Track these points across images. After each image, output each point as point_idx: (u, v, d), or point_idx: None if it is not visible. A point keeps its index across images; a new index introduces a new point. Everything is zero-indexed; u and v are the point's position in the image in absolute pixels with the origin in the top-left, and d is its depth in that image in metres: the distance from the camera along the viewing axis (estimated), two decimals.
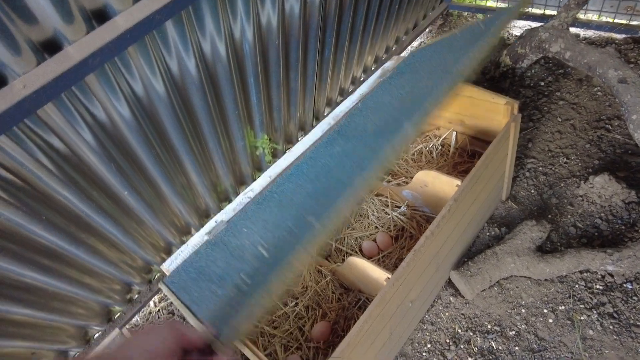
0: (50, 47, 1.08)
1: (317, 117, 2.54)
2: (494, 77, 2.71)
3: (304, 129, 2.46)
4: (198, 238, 1.49)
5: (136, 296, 2.13)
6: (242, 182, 2.38)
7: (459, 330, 1.82)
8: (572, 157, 2.25)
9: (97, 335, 1.93)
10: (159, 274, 2.20)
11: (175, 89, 1.51)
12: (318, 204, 1.30)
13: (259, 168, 2.42)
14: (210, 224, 1.52)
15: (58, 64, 1.01)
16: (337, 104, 2.50)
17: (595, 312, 1.75)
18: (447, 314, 1.87)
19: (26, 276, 1.41)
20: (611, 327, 1.71)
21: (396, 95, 1.66)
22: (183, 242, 1.91)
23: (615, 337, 1.68)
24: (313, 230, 1.12)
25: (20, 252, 1.32)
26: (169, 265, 1.44)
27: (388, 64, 1.99)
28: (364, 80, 2.39)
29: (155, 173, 1.69)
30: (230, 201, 1.86)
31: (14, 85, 0.97)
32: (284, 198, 1.47)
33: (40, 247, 1.40)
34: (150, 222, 1.87)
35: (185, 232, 2.20)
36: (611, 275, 1.82)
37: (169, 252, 2.11)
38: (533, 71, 2.70)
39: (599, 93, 2.47)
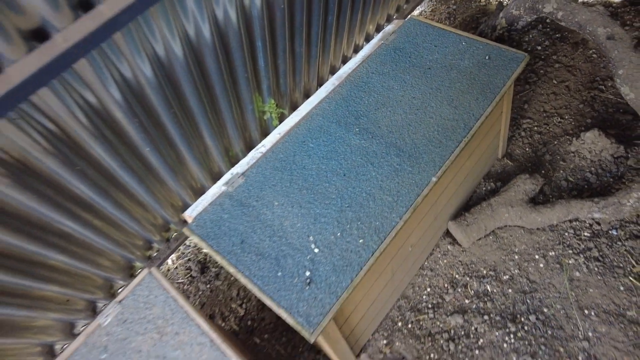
0: (85, 5, 1.20)
1: (321, 84, 2.64)
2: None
3: (309, 96, 2.57)
4: (216, 189, 1.63)
5: (155, 254, 2.29)
6: (251, 147, 2.51)
7: (457, 276, 1.98)
8: (566, 117, 2.36)
9: (120, 290, 2.10)
10: (175, 234, 2.36)
11: (191, 51, 1.63)
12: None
13: (266, 133, 2.55)
14: (227, 176, 1.66)
15: (92, 21, 1.13)
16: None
17: (582, 256, 1.90)
18: (445, 261, 2.02)
19: (63, 224, 1.56)
20: (596, 269, 1.85)
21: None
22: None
23: (599, 277, 1.83)
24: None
25: (57, 199, 1.47)
26: (191, 212, 1.59)
27: (389, 27, 2.09)
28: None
29: (174, 134, 1.82)
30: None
31: (55, 40, 1.09)
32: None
33: (75, 196, 1.54)
34: (170, 183, 2.01)
35: (200, 194, 2.35)
36: (598, 223, 1.96)
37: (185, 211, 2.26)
38: (531, 36, 2.78)
39: (594, 55, 2.55)
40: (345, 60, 2.79)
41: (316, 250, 1.43)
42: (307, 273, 1.39)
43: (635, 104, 1.81)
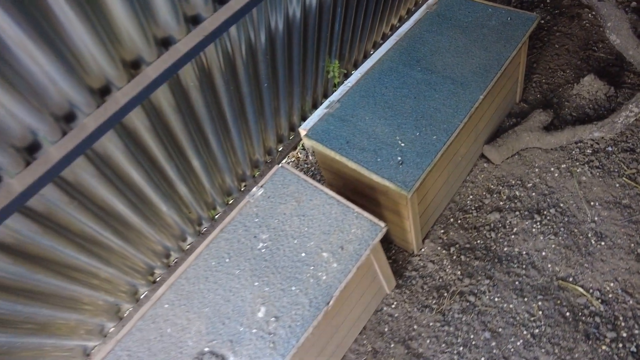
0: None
1: (374, 47, 3.27)
2: None
3: (366, 57, 3.18)
4: (319, 111, 2.21)
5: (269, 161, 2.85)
6: (314, 105, 3.10)
7: (492, 186, 2.56)
8: (567, 71, 2.98)
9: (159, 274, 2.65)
10: (281, 149, 2.92)
11: (291, 27, 2.22)
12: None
13: (325, 95, 3.14)
14: (326, 103, 2.23)
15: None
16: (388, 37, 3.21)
17: (586, 166, 2.50)
18: (482, 175, 2.61)
19: (117, 205, 2.00)
20: (598, 173, 2.45)
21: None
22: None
23: (600, 179, 2.43)
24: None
25: (114, 182, 1.99)
26: (305, 126, 2.16)
27: (430, 0, 2.69)
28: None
29: (281, 79, 2.40)
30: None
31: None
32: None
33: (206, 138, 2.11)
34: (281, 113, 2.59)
35: (280, 140, 2.92)
36: (597, 143, 2.56)
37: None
38: (535, 13, 3.42)
39: (587, 25, 3.19)
40: (392, 29, 3.41)
41: (402, 144, 2.01)
42: (399, 158, 1.96)
43: (621, 47, 2.43)
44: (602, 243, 2.23)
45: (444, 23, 2.53)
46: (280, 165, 2.08)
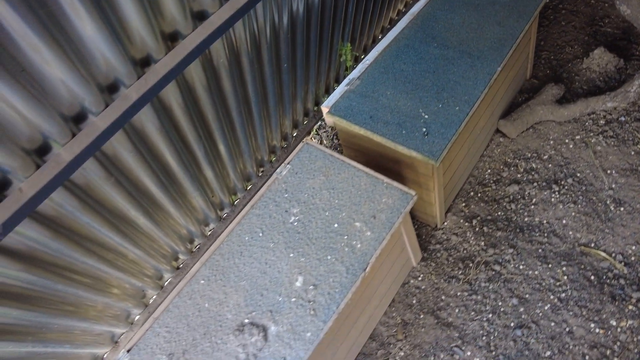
0: None
1: (382, 32, 3.30)
2: None
3: (375, 42, 3.21)
4: (340, 88, 2.23)
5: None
6: (327, 90, 3.12)
7: (508, 159, 2.60)
8: (575, 47, 3.03)
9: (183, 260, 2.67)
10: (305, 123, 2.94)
11: (312, 10, 2.24)
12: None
13: (337, 80, 3.16)
14: (346, 81, 2.26)
15: None
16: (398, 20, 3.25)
17: (601, 136, 2.54)
18: (498, 150, 2.65)
19: (149, 185, 2.03)
20: (612, 143, 2.50)
21: None
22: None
23: (615, 148, 2.48)
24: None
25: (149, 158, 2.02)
26: (327, 104, 2.18)
27: None
28: None
29: (299, 59, 2.42)
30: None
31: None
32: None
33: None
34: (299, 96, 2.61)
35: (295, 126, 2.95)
36: (610, 113, 2.61)
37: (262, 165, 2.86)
38: None
39: (592, 1, 3.24)
40: (398, 14, 3.44)
41: (426, 116, 2.04)
42: (424, 129, 1.99)
43: (631, 17, 2.48)
44: (622, 209, 2.27)
45: (455, 1, 2.57)
46: (305, 142, 2.10)
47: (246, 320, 1.66)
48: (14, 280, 1.48)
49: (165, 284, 2.54)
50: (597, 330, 1.96)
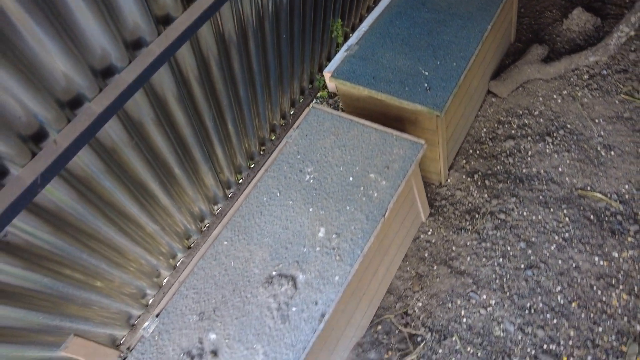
0: None
1: (368, 11, 3.38)
2: None
3: (361, 21, 3.29)
4: (340, 55, 2.30)
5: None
6: (319, 69, 3.19)
7: (501, 118, 2.72)
8: (554, 11, 3.18)
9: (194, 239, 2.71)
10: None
11: None
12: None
13: (329, 58, 3.24)
14: (345, 47, 2.33)
15: None
16: None
17: (586, 89, 2.68)
18: (491, 110, 2.76)
19: (167, 155, 2.07)
20: (597, 94, 2.64)
21: None
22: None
23: (601, 98, 2.62)
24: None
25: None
26: (329, 69, 2.24)
27: None
28: None
29: (297, 37, 2.48)
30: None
31: None
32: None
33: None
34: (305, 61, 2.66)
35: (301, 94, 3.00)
36: (592, 67, 2.75)
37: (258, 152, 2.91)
38: None
39: None
40: None
41: (426, 73, 2.13)
42: (425, 84, 2.08)
43: None
44: (612, 153, 2.41)
45: None
46: (312, 106, 2.16)
47: (274, 273, 1.70)
48: (44, 243, 1.49)
49: (178, 264, 2.56)
50: (601, 262, 2.07)
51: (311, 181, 1.91)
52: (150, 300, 2.44)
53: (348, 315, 1.87)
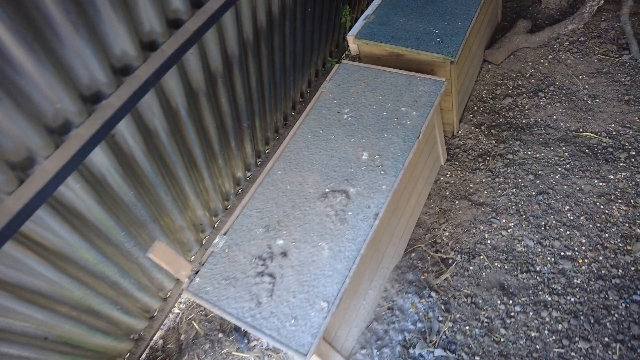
0: None
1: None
2: None
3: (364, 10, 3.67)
4: (360, 22, 2.63)
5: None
6: (330, 54, 3.52)
7: (498, 81, 3.07)
8: None
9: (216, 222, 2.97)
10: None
11: None
12: None
13: (337, 46, 3.58)
14: (363, 16, 2.66)
15: None
16: None
17: (568, 52, 3.08)
18: (489, 75, 3.12)
19: (196, 152, 2.37)
20: (579, 56, 3.04)
21: None
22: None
23: (582, 59, 3.01)
24: None
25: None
26: (353, 32, 2.56)
27: None
28: None
29: (308, 29, 2.81)
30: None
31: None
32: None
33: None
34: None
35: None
36: (571, 35, 3.16)
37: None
38: None
39: None
40: None
41: (436, 31, 2.46)
42: (438, 39, 2.41)
43: None
44: (597, 100, 2.77)
45: None
46: (340, 62, 2.46)
47: (327, 190, 1.93)
48: (139, 161, 1.70)
49: (217, 223, 2.74)
50: (600, 184, 2.38)
51: (349, 119, 2.18)
52: (192, 258, 2.62)
53: (390, 232, 2.10)
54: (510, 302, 2.09)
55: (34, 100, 1.36)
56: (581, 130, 2.66)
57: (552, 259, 2.18)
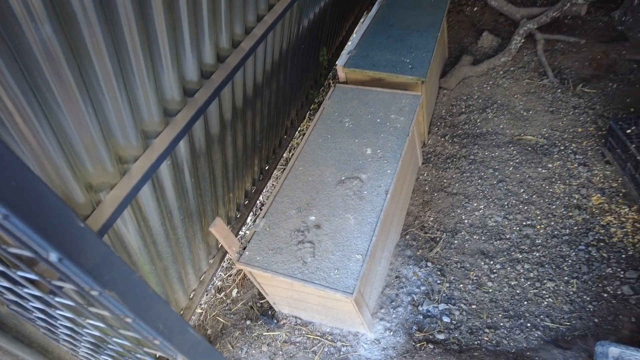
0: None
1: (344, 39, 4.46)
2: None
3: (335, 57, 4.34)
4: (344, 55, 3.24)
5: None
6: (312, 87, 4.11)
7: (452, 102, 3.79)
8: (470, 37, 4.51)
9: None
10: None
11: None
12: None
13: (316, 82, 4.19)
14: (346, 51, 3.28)
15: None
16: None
17: (504, 79, 3.89)
18: (445, 98, 3.84)
19: (226, 139, 2.96)
20: (512, 82, 3.85)
21: None
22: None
23: (514, 83, 3.82)
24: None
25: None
26: (340, 63, 3.15)
27: None
28: None
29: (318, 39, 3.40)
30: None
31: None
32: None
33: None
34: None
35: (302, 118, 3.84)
36: (503, 67, 4.00)
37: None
38: None
39: (469, 14, 4.85)
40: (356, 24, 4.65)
41: (407, 60, 3.12)
42: (410, 66, 3.06)
43: (499, 7, 3.98)
44: (530, 112, 3.54)
45: (396, 4, 3.84)
46: (335, 85, 3.02)
47: (343, 178, 2.40)
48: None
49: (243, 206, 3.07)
50: (543, 171, 3.05)
51: (350, 125, 2.70)
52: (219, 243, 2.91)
53: (392, 213, 2.58)
54: (491, 262, 2.60)
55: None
56: (522, 134, 3.37)
57: (517, 228, 2.75)
